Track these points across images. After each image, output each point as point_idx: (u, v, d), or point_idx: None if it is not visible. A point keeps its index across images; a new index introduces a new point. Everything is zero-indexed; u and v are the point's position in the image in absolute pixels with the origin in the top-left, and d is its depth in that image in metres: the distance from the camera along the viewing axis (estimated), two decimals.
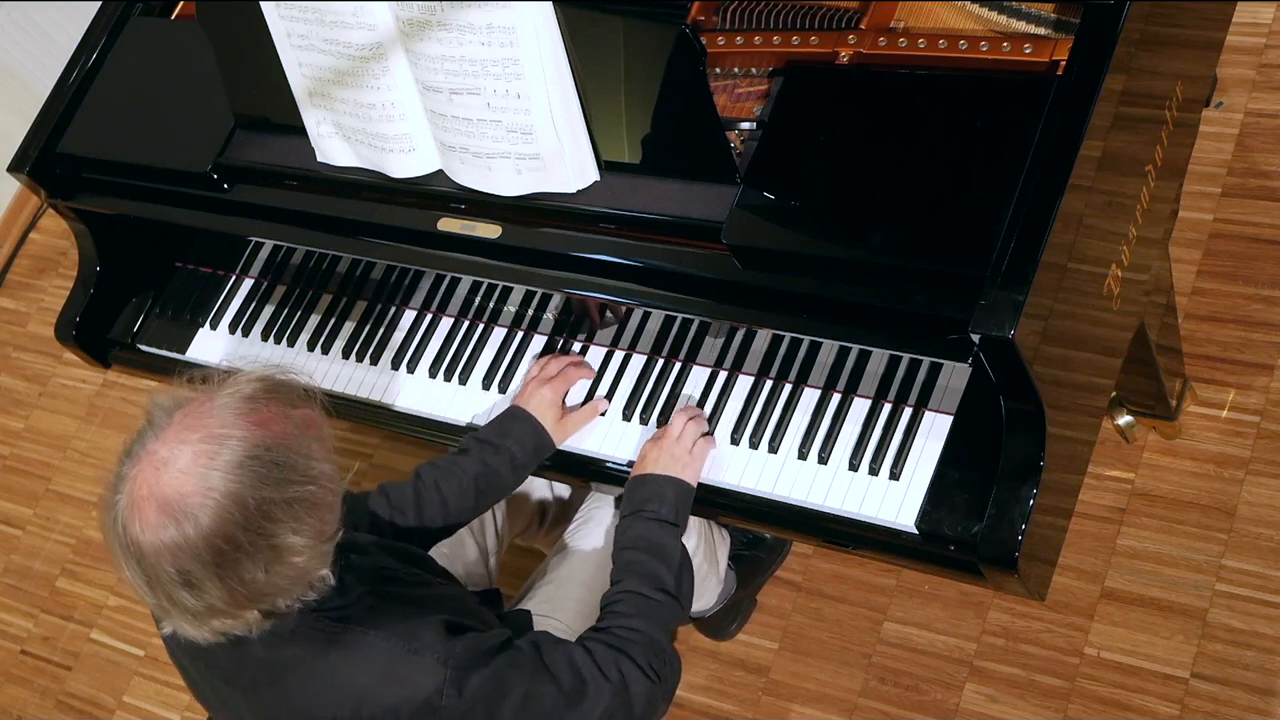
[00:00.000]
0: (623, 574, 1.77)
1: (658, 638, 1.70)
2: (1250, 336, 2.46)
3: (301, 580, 1.47)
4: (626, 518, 1.82)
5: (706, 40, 1.87)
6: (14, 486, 3.40)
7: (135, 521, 1.40)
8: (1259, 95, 2.65)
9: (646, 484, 1.83)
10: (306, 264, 2.32)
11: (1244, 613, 2.27)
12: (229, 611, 1.43)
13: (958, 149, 1.66)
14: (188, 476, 1.39)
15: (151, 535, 1.39)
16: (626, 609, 1.72)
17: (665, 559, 1.77)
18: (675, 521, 1.81)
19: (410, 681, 1.51)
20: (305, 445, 1.46)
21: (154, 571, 1.40)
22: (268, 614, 1.47)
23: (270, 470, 1.41)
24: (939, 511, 1.75)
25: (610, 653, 1.65)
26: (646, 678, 1.65)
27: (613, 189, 1.84)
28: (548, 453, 1.94)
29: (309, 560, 1.45)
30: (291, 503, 1.42)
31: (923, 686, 2.41)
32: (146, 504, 1.39)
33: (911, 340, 1.68)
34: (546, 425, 1.93)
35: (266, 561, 1.41)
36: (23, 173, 2.26)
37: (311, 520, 1.44)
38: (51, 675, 3.11)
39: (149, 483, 1.40)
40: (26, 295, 3.69)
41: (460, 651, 1.53)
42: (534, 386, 1.96)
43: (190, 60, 2.19)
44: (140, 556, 1.41)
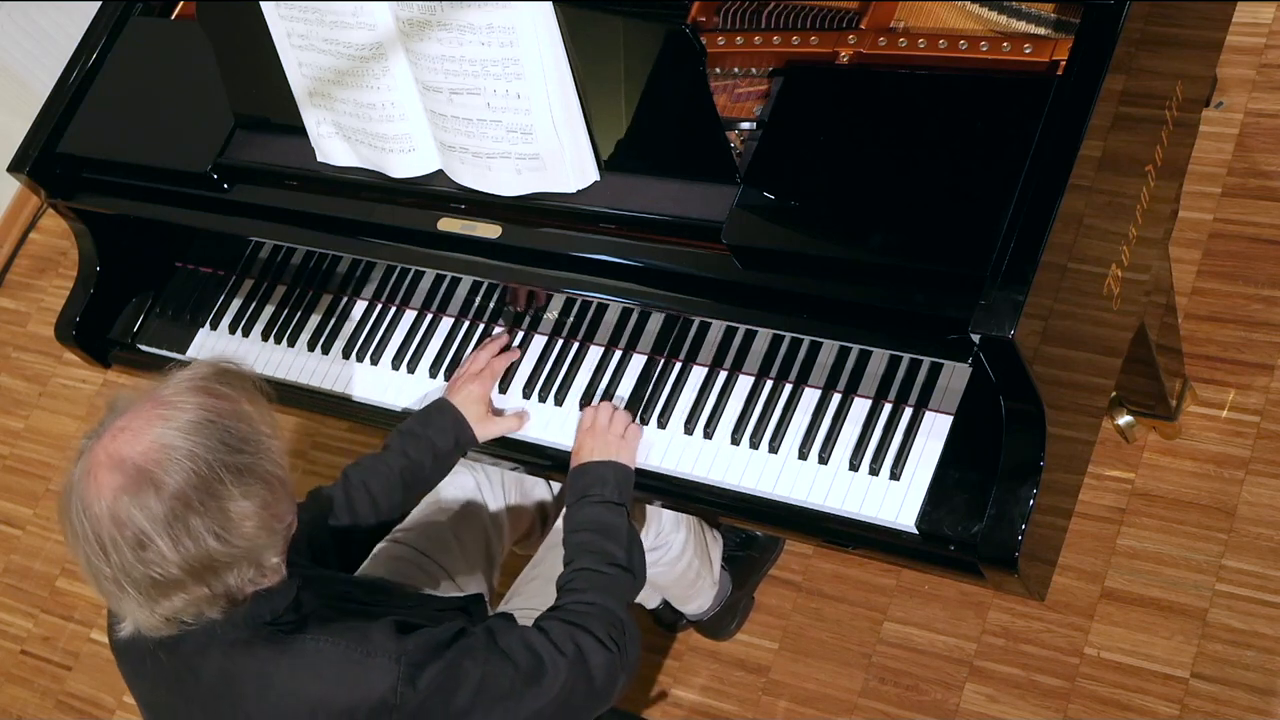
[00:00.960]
0: (575, 554, 1.81)
1: (614, 609, 1.74)
2: (1250, 336, 2.46)
3: (252, 557, 1.48)
4: (573, 505, 1.86)
5: (706, 40, 1.87)
6: (14, 486, 3.40)
7: (91, 486, 1.43)
8: (1259, 95, 2.65)
9: (588, 472, 1.88)
10: (306, 264, 2.32)
11: (1244, 613, 2.27)
12: (181, 584, 1.44)
13: (958, 149, 1.66)
14: (144, 436, 1.43)
15: (108, 496, 1.42)
16: (581, 584, 1.75)
17: (614, 536, 1.81)
18: (620, 501, 1.85)
19: (364, 683, 1.52)
20: (255, 421, 1.50)
21: (108, 539, 1.42)
22: (219, 598, 1.48)
23: (223, 435, 1.45)
24: (939, 511, 1.75)
25: (566, 628, 1.67)
26: (605, 649, 1.67)
27: (613, 189, 1.84)
28: (470, 445, 1.98)
29: (258, 533, 1.47)
30: (242, 470, 1.45)
31: (923, 686, 2.41)
32: (104, 467, 1.43)
33: (911, 340, 1.68)
34: (470, 418, 1.97)
35: (218, 525, 1.43)
36: (23, 173, 2.26)
37: (260, 492, 1.47)
38: (51, 675, 3.11)
39: (105, 448, 1.44)
40: (26, 295, 3.69)
41: (412, 648, 1.54)
42: (462, 380, 2.01)
43: (190, 60, 2.19)
44: (95, 523, 1.42)
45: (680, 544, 2.20)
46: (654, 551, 2.17)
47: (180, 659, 1.56)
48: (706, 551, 2.32)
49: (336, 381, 2.19)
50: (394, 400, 2.14)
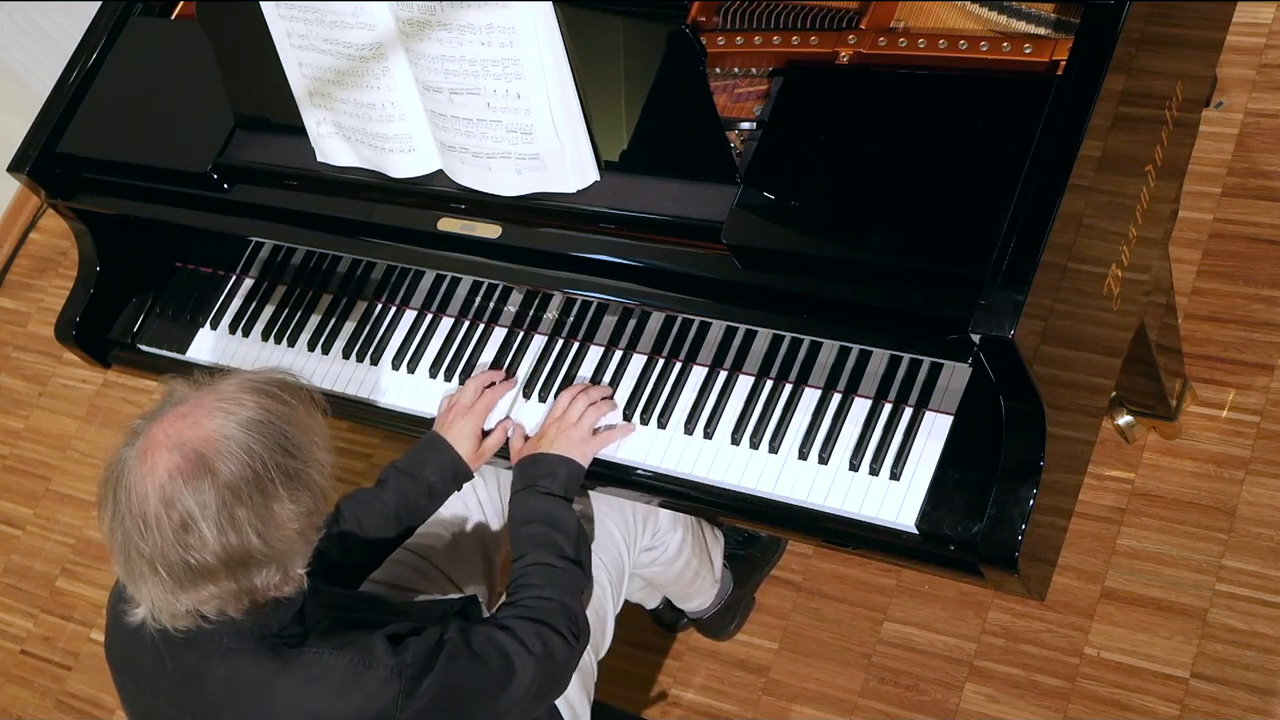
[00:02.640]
0: (525, 548, 1.83)
1: (570, 604, 1.77)
2: (1250, 336, 2.46)
3: (284, 560, 1.50)
4: (520, 493, 1.88)
5: (706, 40, 1.87)
6: (14, 486, 3.40)
7: (146, 462, 1.45)
8: (1259, 95, 2.65)
9: (540, 462, 1.89)
10: (306, 264, 2.32)
11: (1244, 613, 2.27)
12: (214, 574, 1.45)
13: (958, 149, 1.66)
14: (205, 424, 1.46)
15: (162, 475, 1.44)
16: (538, 580, 1.78)
17: (563, 529, 1.83)
18: (566, 496, 1.87)
19: (365, 694, 1.54)
20: (310, 432, 1.54)
21: (153, 517, 1.43)
22: (244, 595, 1.49)
23: (280, 438, 1.48)
24: (939, 511, 1.75)
25: (532, 625, 1.70)
26: (567, 644, 1.72)
27: (613, 189, 1.84)
28: (466, 479, 1.99)
29: (296, 538, 1.50)
30: (293, 474, 1.48)
31: (923, 686, 2.41)
32: (161, 447, 1.45)
33: (911, 340, 1.68)
34: (464, 454, 1.97)
35: (262, 523, 1.45)
36: (23, 173, 2.26)
37: (306, 500, 1.50)
38: (51, 675, 3.11)
39: (167, 430, 1.46)
40: (26, 295, 3.69)
41: (410, 660, 1.56)
42: (454, 415, 1.99)
43: (190, 60, 2.19)
44: (143, 500, 1.44)
45: (677, 543, 2.20)
46: (651, 551, 2.17)
47: (184, 667, 1.56)
48: (706, 550, 2.32)
49: (337, 381, 2.19)
50: (394, 400, 2.14)
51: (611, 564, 2.04)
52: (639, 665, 2.59)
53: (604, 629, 2.04)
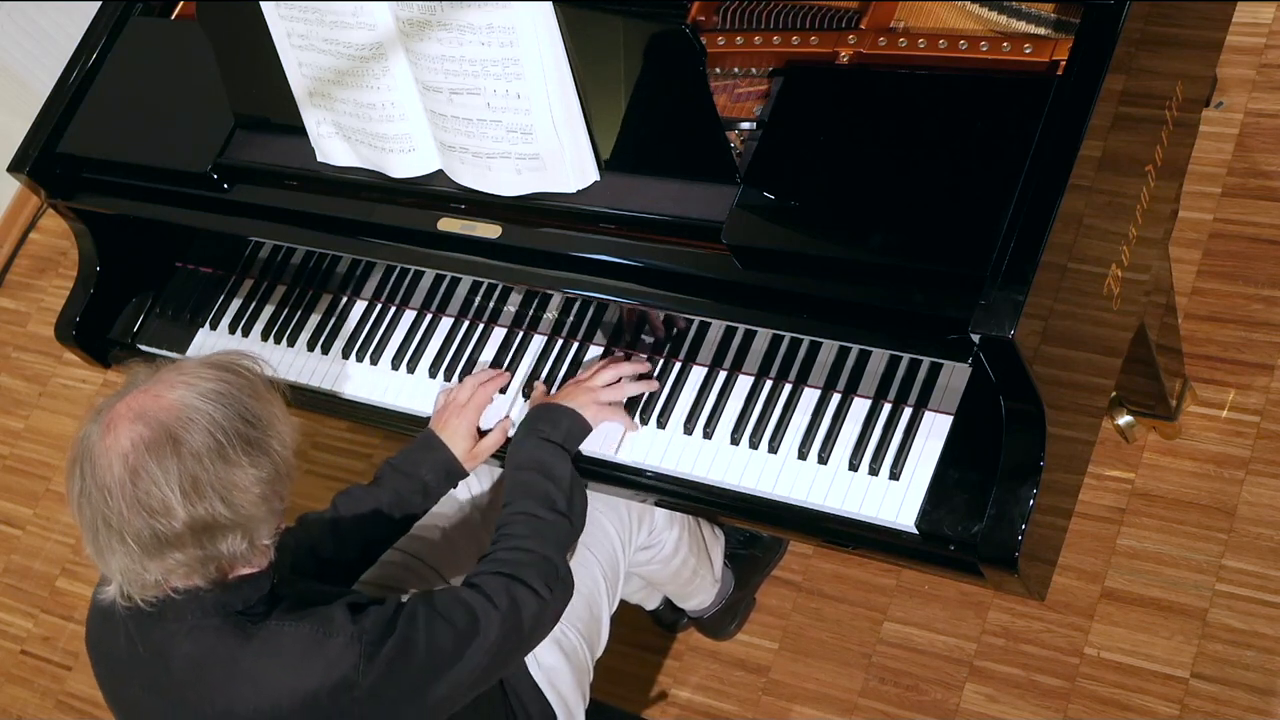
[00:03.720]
0: (514, 495, 1.83)
1: (550, 556, 1.76)
2: (1250, 336, 2.46)
3: (249, 528, 1.52)
4: (519, 437, 1.89)
5: (706, 40, 1.87)
6: (14, 486, 3.40)
7: (109, 436, 1.48)
8: (1259, 95, 2.65)
9: (546, 410, 1.91)
10: (306, 264, 2.32)
11: (1244, 613, 2.27)
12: (180, 542, 1.48)
13: (958, 149, 1.66)
14: (167, 396, 1.51)
15: (126, 446, 1.47)
16: (520, 530, 1.78)
17: (556, 479, 1.83)
18: (564, 446, 1.87)
19: (326, 663, 1.55)
20: (269, 404, 1.57)
21: (118, 488, 1.47)
22: (210, 563, 1.51)
23: (240, 408, 1.53)
24: (939, 511, 1.75)
25: (500, 580, 1.70)
26: (538, 596, 1.71)
27: (613, 189, 1.84)
28: (459, 478, 2.00)
29: (259, 504, 1.53)
30: (253, 443, 1.52)
31: (923, 686, 2.41)
32: (124, 420, 1.49)
33: (911, 340, 1.68)
34: (458, 454, 1.98)
35: (224, 488, 1.49)
36: (23, 173, 2.26)
37: (267, 466, 1.53)
38: (51, 675, 3.11)
39: (129, 404, 1.51)
40: (26, 295, 3.69)
41: (369, 626, 1.58)
42: (448, 414, 2.00)
43: (190, 60, 2.19)
44: (109, 472, 1.47)
45: (674, 542, 2.20)
46: (647, 550, 2.17)
47: (152, 648, 1.58)
48: (705, 549, 2.32)
49: (336, 381, 2.19)
50: (394, 400, 2.14)
51: (607, 562, 2.04)
52: (639, 665, 2.59)
53: (599, 627, 2.04)
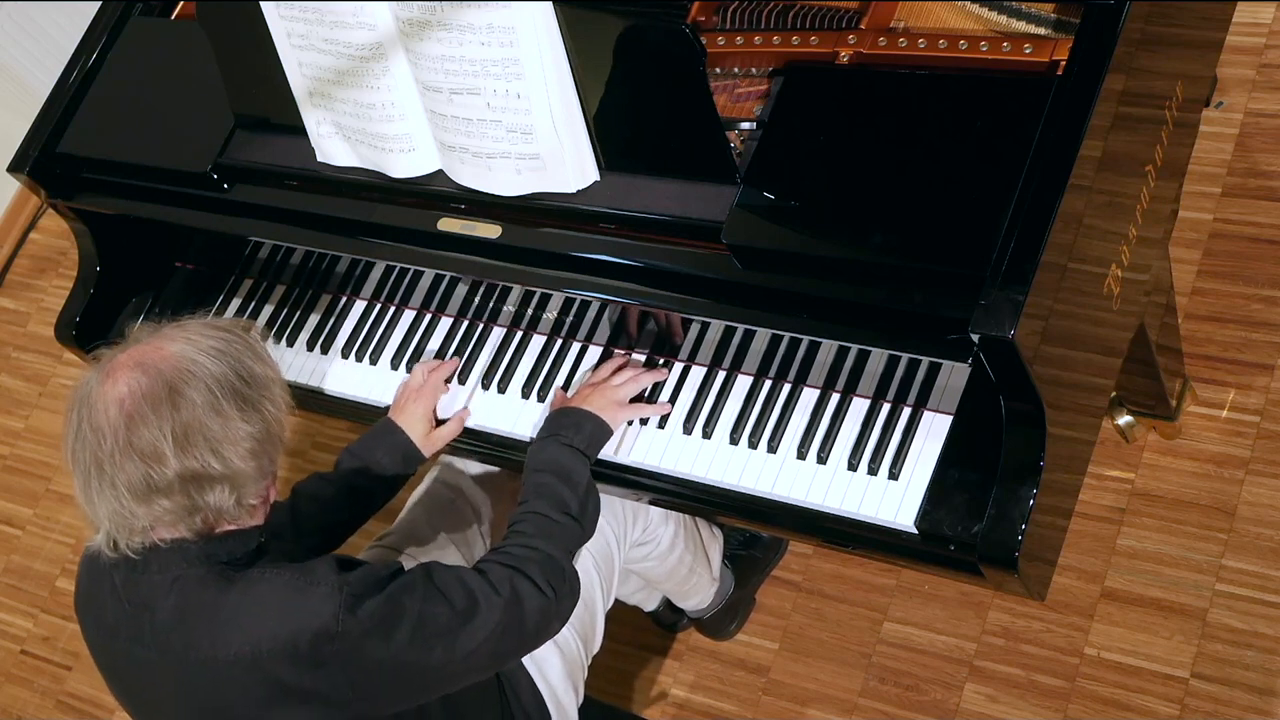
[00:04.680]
0: (529, 495, 1.83)
1: (557, 556, 1.76)
2: (1250, 336, 2.46)
3: (238, 482, 1.55)
4: (542, 439, 1.89)
5: (706, 40, 1.87)
6: (14, 486, 3.40)
7: (109, 383, 1.53)
8: (1259, 95, 2.65)
9: (568, 414, 1.91)
10: (306, 264, 2.32)
11: (1244, 613, 2.27)
12: (170, 490, 1.51)
13: (958, 149, 1.66)
14: (168, 349, 1.55)
15: (124, 393, 1.51)
16: (529, 529, 1.78)
17: (572, 484, 1.84)
18: (586, 452, 1.88)
19: (306, 610, 1.55)
20: (266, 368, 1.62)
21: (111, 434, 1.50)
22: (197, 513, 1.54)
23: (238, 367, 1.57)
24: (939, 511, 1.75)
25: (505, 570, 1.70)
26: (541, 593, 1.70)
27: (613, 189, 1.84)
28: (417, 463, 2.00)
29: (249, 460, 1.55)
30: (248, 401, 1.56)
31: (923, 686, 2.41)
32: (124, 368, 1.53)
33: (911, 340, 1.68)
34: (415, 438, 1.99)
35: (216, 440, 1.52)
36: (23, 173, 2.26)
37: (259, 423, 1.57)
38: (51, 675, 3.11)
39: (130, 355, 1.55)
40: (26, 295, 3.69)
41: (353, 579, 1.58)
42: (405, 401, 2.03)
43: (190, 60, 2.19)
44: (105, 417, 1.51)
45: (669, 538, 2.20)
46: (643, 547, 2.17)
47: (137, 602, 1.60)
48: (702, 547, 2.32)
49: (336, 381, 2.19)
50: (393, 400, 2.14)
51: (600, 556, 2.04)
52: (639, 665, 2.59)
53: (594, 623, 2.04)
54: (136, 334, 1.60)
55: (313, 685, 1.55)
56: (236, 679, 1.55)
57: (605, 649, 2.11)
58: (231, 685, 1.56)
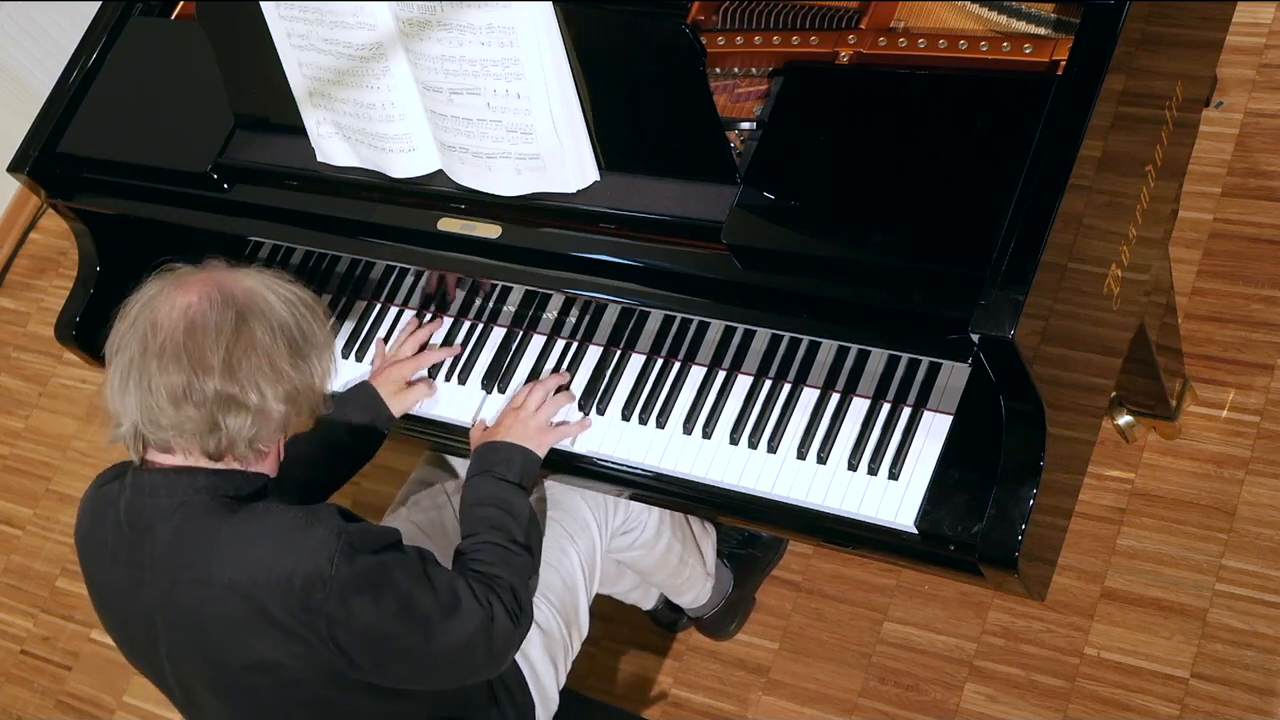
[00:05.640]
0: (477, 527, 1.85)
1: (518, 586, 1.78)
2: (1250, 336, 2.46)
3: (262, 418, 1.61)
4: (475, 477, 1.91)
5: (706, 40, 1.87)
6: (14, 486, 3.40)
7: (183, 290, 1.61)
8: (1259, 95, 2.65)
9: (498, 450, 1.93)
10: (306, 264, 2.31)
11: (1244, 613, 2.27)
12: (202, 403, 1.57)
13: (958, 149, 1.66)
14: (245, 282, 1.64)
15: (193, 297, 1.59)
16: (489, 558, 1.80)
17: (515, 516, 1.86)
18: (521, 484, 1.91)
19: (304, 549, 1.58)
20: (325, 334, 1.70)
21: (168, 334, 1.57)
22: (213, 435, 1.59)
23: (300, 320, 1.65)
24: (939, 511, 1.75)
25: (483, 588, 1.73)
26: (511, 618, 1.73)
27: (613, 189, 1.84)
28: (387, 421, 2.04)
29: (277, 404, 1.61)
30: (300, 353, 1.64)
31: (923, 686, 2.41)
32: (200, 282, 1.62)
33: (911, 340, 1.68)
34: (384, 395, 2.04)
35: (258, 376, 1.59)
36: (23, 173, 2.26)
37: (304, 377, 1.64)
38: (51, 675, 3.11)
39: (210, 275, 1.63)
40: (26, 295, 3.69)
41: (354, 530, 1.62)
42: (385, 367, 2.09)
43: (190, 60, 2.19)
44: (167, 317, 1.58)
45: (654, 525, 2.19)
46: (627, 535, 2.17)
47: (139, 526, 1.63)
48: (692, 538, 2.31)
49: (336, 382, 2.19)
50: None
51: (582, 540, 2.05)
52: (639, 665, 2.59)
53: (576, 604, 2.05)
54: (212, 263, 1.67)
55: (295, 625, 1.58)
56: (224, 601, 1.59)
57: (604, 649, 2.11)
58: (218, 606, 1.60)
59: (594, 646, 2.11)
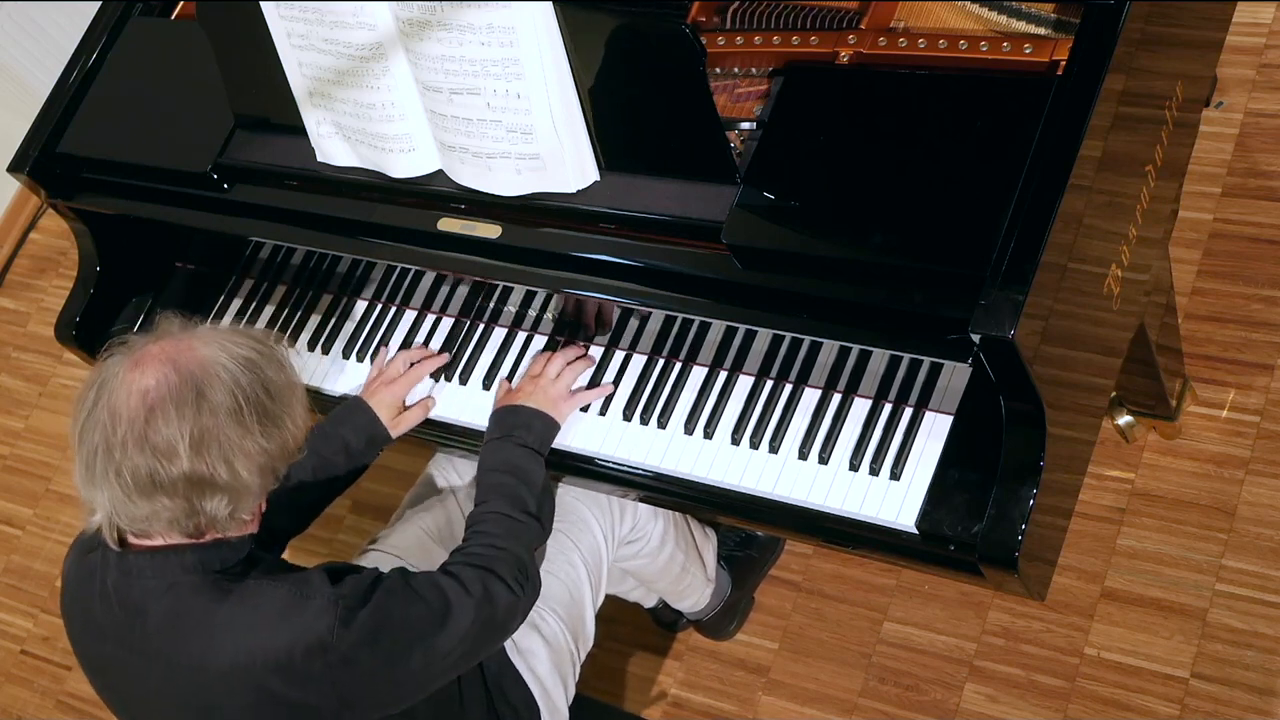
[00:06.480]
0: (489, 495, 1.85)
1: (521, 555, 1.79)
2: (1250, 336, 2.46)
3: (240, 495, 1.55)
4: (494, 440, 1.91)
5: (706, 40, 1.87)
6: (14, 486, 3.40)
7: (138, 370, 1.52)
8: (1259, 95, 2.65)
9: (517, 413, 1.92)
10: (306, 264, 2.32)
11: (1244, 613, 2.27)
12: (174, 490, 1.51)
13: (958, 149, 1.66)
14: (200, 351, 1.54)
15: (150, 385, 1.50)
16: (493, 529, 1.80)
17: (529, 483, 1.86)
18: (539, 450, 1.90)
19: (301, 624, 1.56)
20: (292, 384, 1.61)
21: (128, 423, 1.49)
22: (192, 518, 1.53)
23: (265, 380, 1.56)
24: (939, 511, 1.75)
25: (475, 571, 1.72)
26: (511, 591, 1.73)
27: (613, 189, 1.84)
28: (383, 443, 2.02)
29: (256, 475, 1.55)
30: (270, 416, 1.55)
31: (923, 686, 2.41)
32: (155, 360, 1.52)
33: (912, 340, 1.68)
34: (383, 418, 2.02)
35: (231, 450, 1.52)
36: (23, 173, 2.26)
37: (277, 441, 1.57)
38: (51, 675, 3.11)
39: (163, 348, 1.54)
40: (26, 295, 3.69)
41: (347, 591, 1.60)
42: (378, 385, 2.05)
43: (190, 60, 2.19)
44: (124, 405, 1.50)
45: (659, 535, 2.20)
46: (633, 544, 2.17)
47: (129, 607, 1.60)
48: (694, 546, 2.32)
49: (336, 382, 2.19)
50: None
51: (588, 550, 2.05)
52: (639, 665, 2.59)
53: (583, 617, 2.05)
54: (166, 325, 1.60)
55: (301, 697, 1.57)
56: (227, 687, 1.57)
57: (605, 649, 2.11)
58: (220, 692, 1.58)
59: (595, 647, 2.11)
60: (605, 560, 2.09)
